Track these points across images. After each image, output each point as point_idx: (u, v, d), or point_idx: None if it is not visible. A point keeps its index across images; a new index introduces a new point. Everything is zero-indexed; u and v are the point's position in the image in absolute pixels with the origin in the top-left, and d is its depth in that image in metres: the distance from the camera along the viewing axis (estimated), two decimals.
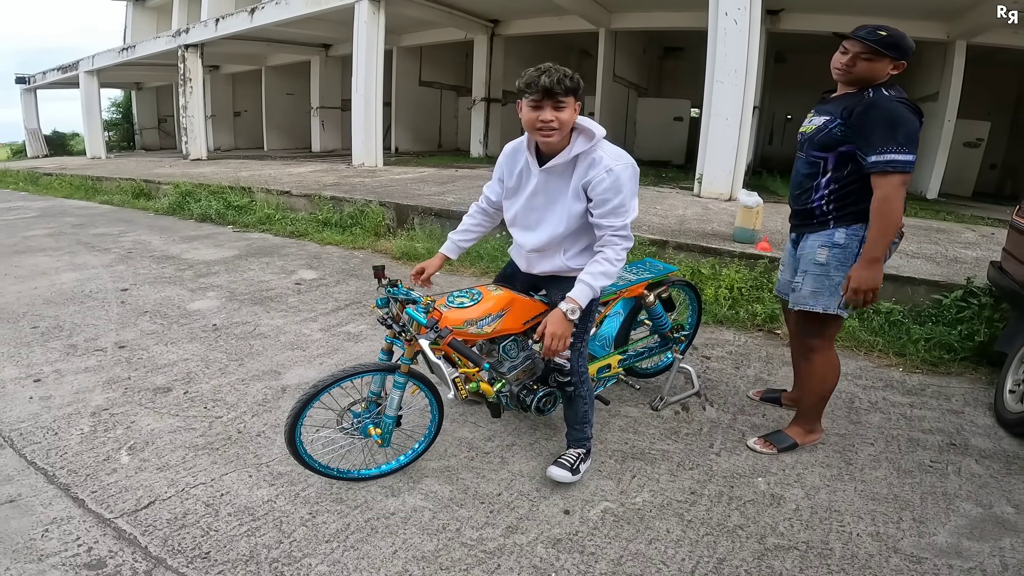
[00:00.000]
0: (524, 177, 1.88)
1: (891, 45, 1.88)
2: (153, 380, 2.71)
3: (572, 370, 1.92)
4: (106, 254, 5.24)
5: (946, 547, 1.77)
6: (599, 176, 1.71)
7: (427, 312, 1.70)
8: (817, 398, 2.23)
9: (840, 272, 1.99)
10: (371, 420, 1.89)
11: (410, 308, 1.72)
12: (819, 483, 2.06)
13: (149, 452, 2.13)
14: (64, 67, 18.10)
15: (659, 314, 2.44)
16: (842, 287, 1.96)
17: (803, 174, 2.09)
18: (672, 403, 2.58)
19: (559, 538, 1.75)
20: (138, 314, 3.61)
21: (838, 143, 1.95)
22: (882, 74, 1.91)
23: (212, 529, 1.74)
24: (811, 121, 2.08)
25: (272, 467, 2.04)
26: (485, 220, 2.14)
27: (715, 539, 1.77)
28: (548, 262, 1.92)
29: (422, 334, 1.68)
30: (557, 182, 1.80)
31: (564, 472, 1.95)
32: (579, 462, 2.00)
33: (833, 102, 2.03)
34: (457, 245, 2.13)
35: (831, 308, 2.02)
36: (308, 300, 3.94)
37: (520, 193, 1.90)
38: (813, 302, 2.04)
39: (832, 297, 2.01)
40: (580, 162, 1.76)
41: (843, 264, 1.99)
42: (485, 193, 2.11)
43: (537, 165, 1.81)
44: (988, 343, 3.16)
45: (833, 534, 1.81)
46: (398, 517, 1.82)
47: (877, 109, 1.85)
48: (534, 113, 1.66)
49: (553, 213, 1.83)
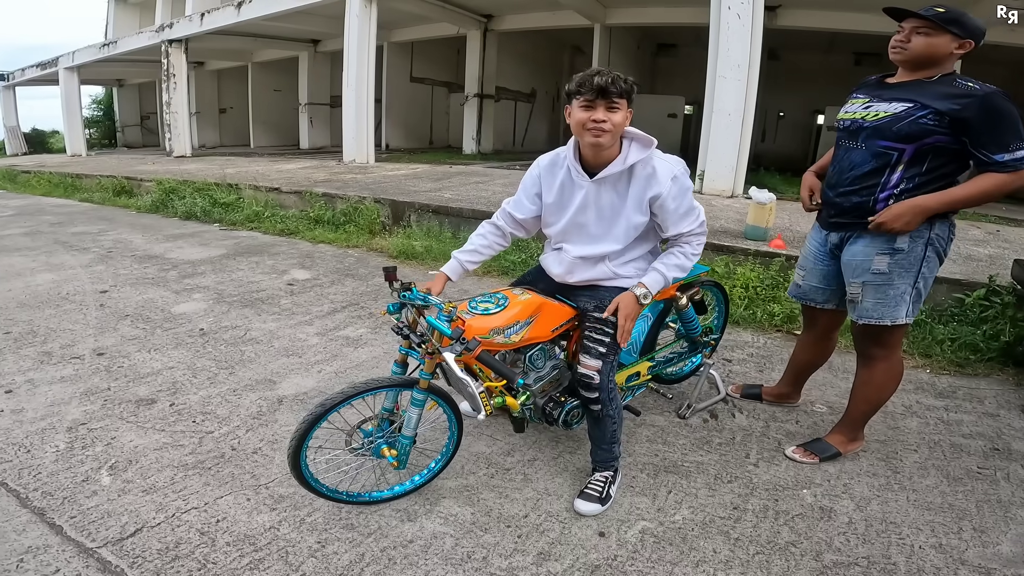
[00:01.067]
0: (568, 190, 1.77)
1: (951, 20, 1.72)
2: (135, 391, 2.49)
3: (601, 385, 1.74)
4: (85, 254, 4.97)
5: (1012, 557, 1.66)
6: (666, 187, 1.67)
7: (450, 320, 1.51)
8: (869, 407, 2.08)
9: (904, 280, 1.84)
10: (384, 440, 1.69)
11: (431, 316, 1.52)
12: (868, 494, 1.92)
13: (133, 472, 1.92)
14: (44, 64, 17.73)
15: (691, 318, 2.27)
16: (880, 216, 1.79)
17: (861, 167, 1.87)
18: (699, 410, 2.42)
19: (597, 564, 1.58)
20: (118, 318, 3.37)
21: (927, 134, 1.73)
22: (944, 52, 1.74)
23: (210, 561, 1.54)
24: (871, 107, 1.85)
25: (272, 489, 1.84)
26: (497, 241, 1.93)
27: (767, 558, 1.62)
28: (590, 270, 1.81)
29: (446, 346, 1.49)
30: (611, 194, 1.71)
31: (593, 505, 1.76)
32: (608, 486, 1.82)
33: (905, 88, 1.81)
34: (462, 265, 1.88)
35: (900, 319, 1.86)
36: (302, 302, 3.72)
37: (565, 208, 1.78)
38: (880, 314, 1.88)
39: (899, 306, 1.86)
40: (638, 172, 1.68)
41: (907, 271, 1.84)
42: (507, 210, 1.91)
43: (586, 176, 1.70)
44: (1014, 343, 3.06)
45: (894, 547, 1.68)
46: (417, 545, 1.63)
47: (993, 102, 1.66)
48: (585, 113, 1.58)
49: (610, 227, 1.75)
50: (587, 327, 1.79)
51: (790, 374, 2.45)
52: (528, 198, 1.87)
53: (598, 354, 1.74)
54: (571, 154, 1.73)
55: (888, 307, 1.87)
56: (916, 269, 1.84)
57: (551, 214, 1.83)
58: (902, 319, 1.87)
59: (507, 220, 1.91)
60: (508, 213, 1.90)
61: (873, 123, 1.83)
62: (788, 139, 15.87)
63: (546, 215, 1.85)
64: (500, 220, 1.92)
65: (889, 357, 1.99)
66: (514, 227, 1.92)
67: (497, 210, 1.96)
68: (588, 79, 1.56)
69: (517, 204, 1.89)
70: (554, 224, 1.84)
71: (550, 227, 1.86)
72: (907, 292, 1.85)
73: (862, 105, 1.89)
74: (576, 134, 1.66)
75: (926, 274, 1.85)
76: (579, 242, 1.80)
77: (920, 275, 1.85)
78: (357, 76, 9.60)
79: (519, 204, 1.89)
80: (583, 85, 1.57)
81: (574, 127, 1.63)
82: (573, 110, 1.62)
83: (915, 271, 1.84)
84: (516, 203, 1.90)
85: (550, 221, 1.85)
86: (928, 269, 1.85)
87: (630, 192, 1.70)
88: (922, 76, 1.80)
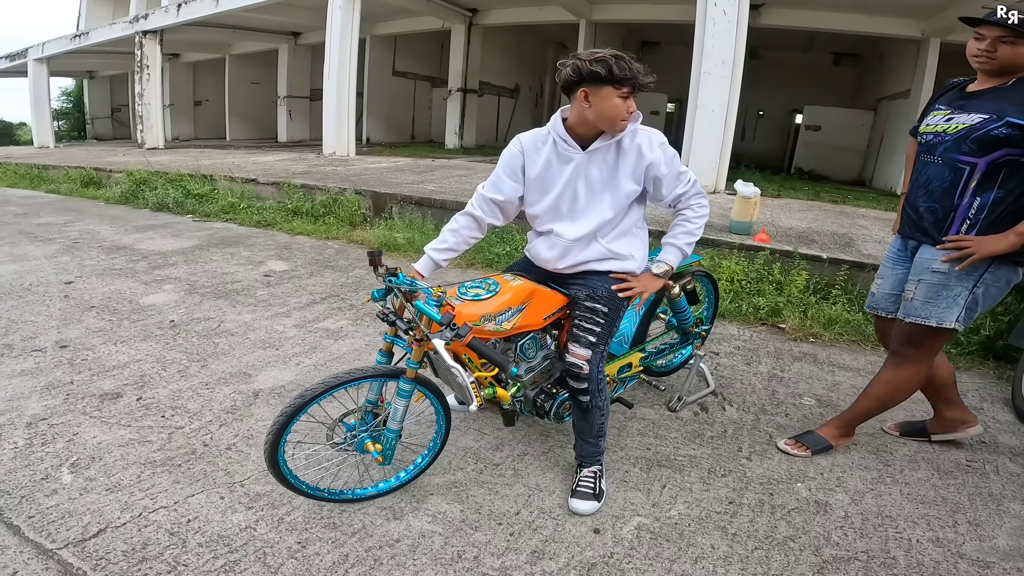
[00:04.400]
0: (555, 166, 1.71)
1: None
2: (100, 384, 2.35)
3: (590, 375, 1.68)
4: (50, 244, 4.74)
5: (1009, 550, 1.65)
6: (657, 154, 1.67)
7: (439, 306, 1.43)
8: (879, 406, 2.01)
9: (963, 283, 1.73)
10: (368, 434, 1.60)
11: (419, 302, 1.43)
12: (862, 487, 1.90)
13: (96, 469, 1.79)
14: (12, 55, 17.13)
15: (683, 307, 2.23)
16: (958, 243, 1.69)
17: (937, 182, 1.75)
18: (690, 403, 2.38)
19: (593, 562, 1.51)
20: (83, 309, 3.20)
21: (998, 145, 1.63)
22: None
23: (180, 563, 1.44)
24: (952, 120, 1.73)
25: (248, 487, 1.73)
26: (472, 234, 1.81)
27: (767, 553, 1.57)
28: (583, 251, 1.74)
29: (435, 332, 1.40)
30: (600, 166, 1.68)
31: (589, 503, 1.70)
32: (599, 481, 1.76)
33: (986, 97, 1.70)
34: (435, 262, 1.76)
35: (947, 322, 1.76)
36: (279, 293, 3.59)
37: (553, 183, 1.72)
38: (926, 314, 1.79)
39: (950, 309, 1.75)
40: (625, 143, 1.66)
41: (968, 274, 1.72)
42: (483, 195, 1.77)
43: (578, 148, 1.66)
44: (994, 337, 3.10)
45: (892, 541, 1.65)
46: (404, 544, 1.54)
47: None
48: (624, 103, 1.56)
49: (600, 199, 1.70)
50: (577, 315, 1.73)
51: (936, 403, 2.16)
52: (510, 175, 1.75)
53: (588, 343, 1.68)
54: (560, 128, 1.67)
55: (937, 307, 1.76)
56: (979, 273, 1.71)
57: (535, 191, 1.74)
58: (949, 323, 1.75)
59: (483, 207, 1.78)
60: (485, 198, 1.77)
61: (953, 136, 1.71)
62: (767, 138, 16.09)
63: (530, 193, 1.75)
64: (475, 209, 1.78)
65: (921, 361, 1.88)
66: (491, 214, 1.79)
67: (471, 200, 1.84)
68: (633, 72, 1.52)
69: (495, 185, 1.76)
70: (539, 202, 1.74)
71: (536, 205, 1.75)
72: (963, 296, 1.73)
73: (943, 117, 1.77)
74: (610, 122, 1.58)
75: (988, 280, 1.72)
76: (569, 220, 1.72)
77: (982, 280, 1.72)
78: (339, 68, 9.40)
79: (498, 185, 1.76)
80: (630, 77, 1.51)
81: (608, 115, 1.56)
82: (606, 97, 1.54)
83: (977, 275, 1.72)
84: (494, 185, 1.77)
85: (535, 199, 1.75)
86: (993, 277, 1.72)
87: (620, 163, 1.67)
88: (998, 83, 1.70)
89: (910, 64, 9.22)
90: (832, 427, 2.10)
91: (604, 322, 1.70)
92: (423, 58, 15.71)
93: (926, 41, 8.59)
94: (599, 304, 1.71)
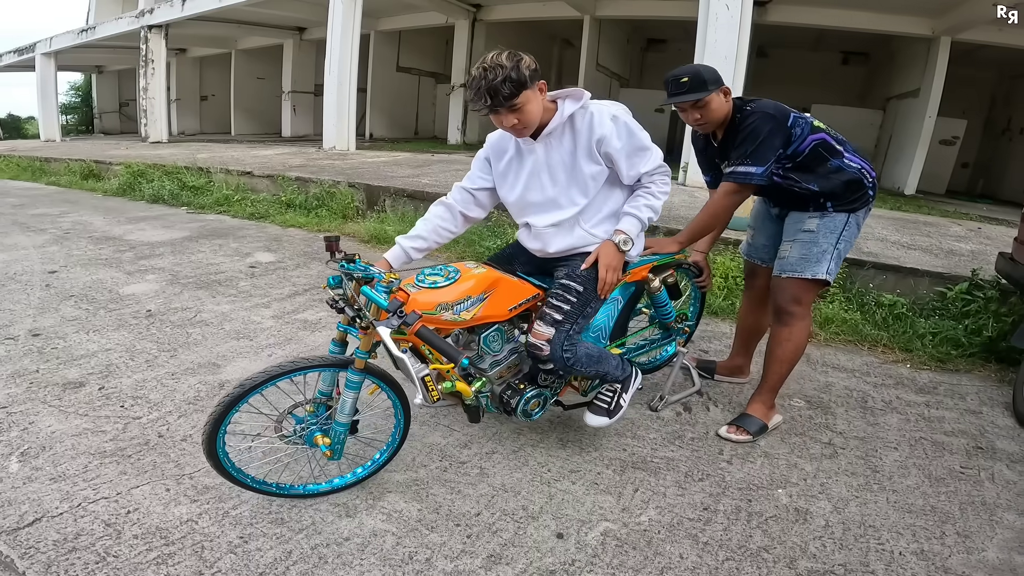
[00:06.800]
0: (517, 160, 1.73)
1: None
2: (65, 374, 2.29)
3: (552, 356, 1.61)
4: (41, 235, 4.71)
5: (999, 564, 1.54)
6: (608, 128, 1.60)
7: (389, 292, 1.35)
8: (787, 367, 2.10)
9: (828, 240, 1.98)
10: (318, 427, 1.52)
11: (367, 288, 1.37)
12: (847, 494, 1.80)
13: (44, 459, 1.73)
14: (20, 49, 17.21)
15: (663, 301, 2.14)
16: None
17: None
18: (672, 403, 2.28)
19: (552, 569, 1.42)
20: (62, 298, 3.15)
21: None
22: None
23: (110, 554, 1.37)
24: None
25: (196, 479, 1.66)
26: (444, 225, 1.77)
27: (737, 564, 1.48)
28: (567, 237, 1.71)
29: (382, 320, 1.33)
30: (559, 152, 1.66)
31: (600, 419, 1.78)
32: (617, 396, 1.80)
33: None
34: (406, 252, 1.73)
35: (820, 274, 1.98)
36: (262, 284, 3.52)
37: (517, 177, 1.73)
38: (802, 268, 2.00)
39: (819, 263, 1.98)
40: (578, 121, 1.64)
41: (831, 231, 1.99)
42: (460, 185, 1.81)
43: (532, 140, 1.66)
44: (997, 338, 2.97)
45: (872, 553, 1.55)
46: (353, 543, 1.46)
47: None
48: (496, 119, 1.55)
49: (567, 184, 1.68)
50: (550, 293, 1.68)
51: (739, 342, 2.50)
52: (480, 167, 1.81)
53: (552, 320, 1.61)
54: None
55: (810, 262, 1.98)
56: (839, 231, 1.97)
57: (504, 186, 1.77)
58: (822, 274, 1.97)
59: (459, 197, 1.81)
60: (461, 188, 1.81)
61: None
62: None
63: (500, 188, 1.79)
64: (450, 199, 1.81)
65: (805, 315, 2.08)
66: (466, 205, 1.80)
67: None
68: (475, 98, 1.48)
69: (470, 177, 1.82)
70: (511, 195, 1.76)
71: (508, 200, 1.79)
72: (829, 251, 1.97)
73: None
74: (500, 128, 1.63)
75: (846, 236, 1.99)
76: (541, 211, 1.72)
77: (842, 237, 1.98)
78: (339, 62, 9.35)
79: (471, 176, 1.82)
80: (474, 103, 1.49)
81: (496, 125, 1.61)
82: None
83: (838, 232, 1.97)
84: (469, 176, 1.83)
85: (506, 193, 1.78)
86: (848, 232, 2.00)
87: (577, 143, 1.64)
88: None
89: (920, 63, 9.02)
90: (759, 404, 2.12)
91: (576, 301, 1.64)
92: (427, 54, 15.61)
93: (936, 39, 8.39)
94: (574, 283, 1.66)
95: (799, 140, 1.90)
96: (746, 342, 2.48)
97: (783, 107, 1.93)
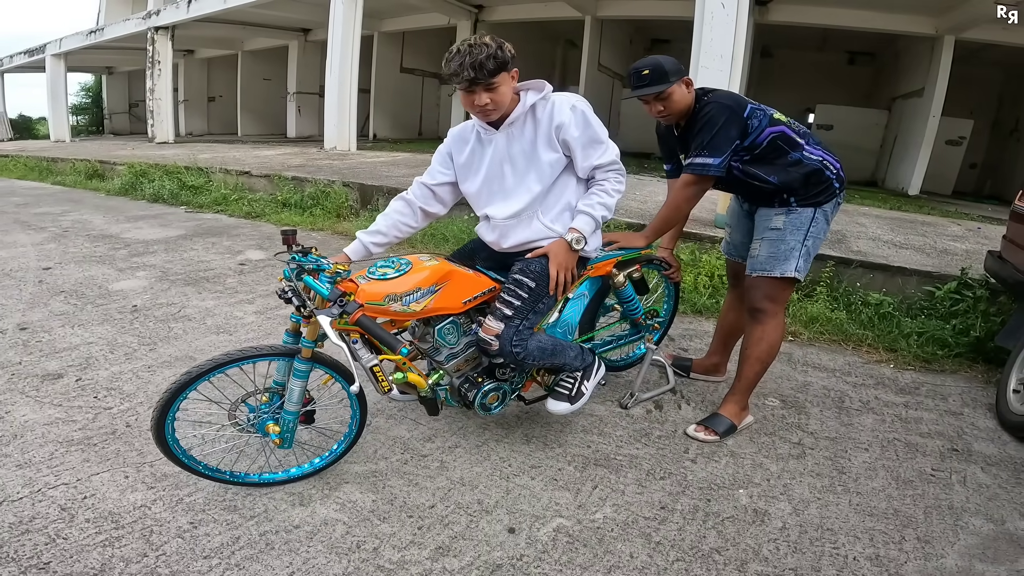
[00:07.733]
0: (478, 151, 1.75)
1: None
2: (46, 366, 2.33)
3: (501, 351, 1.62)
4: (40, 233, 4.80)
5: (956, 571, 1.51)
6: (566, 115, 1.63)
7: (334, 282, 1.37)
8: (761, 367, 2.08)
9: (795, 237, 1.96)
10: (270, 416, 1.54)
11: (309, 277, 1.39)
12: (809, 496, 1.78)
13: (14, 447, 1.77)
14: (31, 51, 17.47)
15: (629, 296, 2.13)
16: None
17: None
18: (644, 400, 2.28)
19: (499, 563, 1.43)
20: (53, 294, 3.20)
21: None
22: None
23: (60, 536, 1.41)
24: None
25: (156, 467, 1.69)
26: (403, 220, 1.80)
27: (687, 566, 1.47)
28: (524, 230, 1.71)
29: (324, 308, 1.34)
30: (520, 142, 1.68)
31: (561, 405, 1.79)
32: (579, 384, 1.80)
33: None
34: (365, 247, 1.75)
35: (789, 271, 1.97)
36: (249, 281, 3.56)
37: (478, 168, 1.75)
38: (771, 267, 1.99)
39: (787, 260, 1.96)
40: (539, 111, 1.66)
41: (797, 229, 1.97)
42: (419, 181, 1.84)
43: (493, 129, 1.69)
44: (984, 339, 2.93)
45: (826, 558, 1.52)
46: (303, 531, 1.48)
47: None
48: (468, 97, 1.57)
49: (525, 172, 1.69)
50: (503, 288, 1.69)
51: (718, 340, 2.48)
52: (440, 162, 1.82)
53: (502, 316, 1.62)
54: (477, 118, 1.70)
55: (778, 260, 1.96)
56: (806, 228, 1.95)
57: (465, 178, 1.78)
58: (791, 272, 1.95)
59: (419, 192, 1.82)
60: (420, 183, 1.83)
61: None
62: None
63: (461, 179, 1.79)
64: (410, 194, 1.83)
65: (779, 314, 2.07)
66: (426, 200, 1.82)
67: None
68: (457, 71, 1.50)
69: (430, 172, 1.83)
70: (471, 186, 1.77)
71: (469, 192, 1.79)
72: (797, 248, 1.95)
73: None
74: (468, 110, 1.64)
75: (813, 232, 1.97)
76: (500, 200, 1.73)
77: (809, 233, 1.96)
78: (340, 62, 9.43)
79: (431, 171, 1.83)
80: (455, 76, 1.51)
81: (464, 106, 1.62)
82: (458, 91, 1.59)
83: (805, 229, 1.95)
84: (429, 171, 1.83)
85: (467, 186, 1.78)
86: (815, 228, 1.98)
87: (538, 132, 1.66)
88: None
89: (924, 62, 8.93)
90: (732, 404, 2.09)
91: (528, 297, 1.64)
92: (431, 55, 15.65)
93: (940, 38, 8.30)
94: (527, 278, 1.66)
95: (756, 132, 1.89)
96: (725, 340, 2.46)
97: (740, 98, 1.93)
